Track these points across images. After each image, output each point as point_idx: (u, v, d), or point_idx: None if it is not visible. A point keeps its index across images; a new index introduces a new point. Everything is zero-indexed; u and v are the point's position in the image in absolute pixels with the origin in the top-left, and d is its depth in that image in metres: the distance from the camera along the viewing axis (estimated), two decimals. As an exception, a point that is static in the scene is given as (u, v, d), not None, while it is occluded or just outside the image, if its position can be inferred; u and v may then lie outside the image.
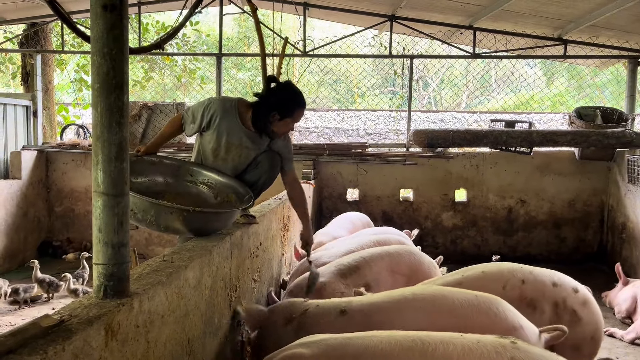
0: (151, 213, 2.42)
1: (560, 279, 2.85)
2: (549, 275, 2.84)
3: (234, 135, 3.05)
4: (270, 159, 3.19)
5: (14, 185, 6.79)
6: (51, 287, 5.34)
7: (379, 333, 2.06)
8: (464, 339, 1.93)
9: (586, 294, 2.86)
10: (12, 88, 13.59)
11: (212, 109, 3.06)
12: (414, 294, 2.46)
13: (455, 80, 14.97)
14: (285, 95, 3.05)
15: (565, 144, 6.50)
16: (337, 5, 7.40)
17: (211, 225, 2.59)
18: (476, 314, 2.30)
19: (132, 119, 7.33)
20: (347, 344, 2.02)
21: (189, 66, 11.68)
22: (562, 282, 2.83)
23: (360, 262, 3.42)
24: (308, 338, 2.15)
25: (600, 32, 6.80)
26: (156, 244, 7.21)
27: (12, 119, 7.31)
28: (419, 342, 1.93)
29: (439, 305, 2.37)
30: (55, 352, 1.19)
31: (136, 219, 2.45)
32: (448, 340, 1.92)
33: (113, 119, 1.51)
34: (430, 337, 1.97)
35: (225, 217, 2.66)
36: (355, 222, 5.39)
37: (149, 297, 1.64)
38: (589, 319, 2.66)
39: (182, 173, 3.04)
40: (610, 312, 4.99)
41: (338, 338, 2.08)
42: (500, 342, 1.88)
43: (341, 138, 12.05)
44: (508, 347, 1.84)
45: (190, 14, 3.60)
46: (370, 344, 1.98)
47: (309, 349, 2.03)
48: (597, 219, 7.05)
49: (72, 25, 2.94)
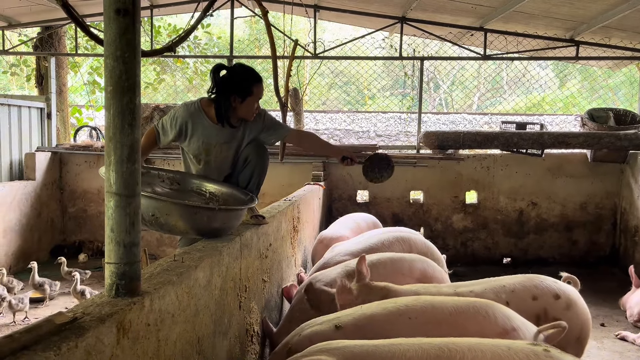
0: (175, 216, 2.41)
1: (540, 289, 2.76)
2: (530, 289, 2.76)
3: (208, 134, 3.07)
4: (255, 150, 3.17)
5: (28, 186, 6.88)
6: (51, 289, 5.37)
7: (405, 340, 1.99)
8: (494, 345, 1.86)
9: (569, 296, 2.77)
10: (26, 90, 13.77)
11: (178, 119, 3.06)
12: (406, 305, 2.45)
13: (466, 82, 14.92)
14: (238, 77, 3.01)
15: (577, 146, 6.45)
16: (348, 8, 7.41)
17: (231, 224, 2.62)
18: (464, 320, 2.30)
19: (144, 121, 7.40)
20: (372, 352, 1.95)
21: (200, 68, 11.76)
22: (542, 292, 2.74)
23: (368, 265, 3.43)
24: (329, 344, 2.07)
25: (612, 33, 6.74)
26: (167, 245, 7.27)
27: (26, 120, 7.42)
28: (445, 350, 1.87)
29: (430, 315, 2.37)
30: (68, 349, 1.22)
31: (157, 223, 2.43)
32: (476, 347, 1.85)
33: (125, 120, 1.54)
34: (457, 343, 1.89)
35: (234, 216, 2.68)
36: (360, 222, 5.37)
37: (159, 296, 1.66)
38: (573, 322, 2.58)
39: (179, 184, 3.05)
40: (623, 316, 4.94)
41: (363, 345, 2.00)
42: (533, 349, 1.80)
43: (351, 140, 12.06)
44: (541, 355, 1.77)
45: (201, 16, 3.63)
46: (396, 351, 1.92)
47: (333, 356, 1.95)
48: (610, 221, 6.99)
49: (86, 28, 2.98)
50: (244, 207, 2.80)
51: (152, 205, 2.39)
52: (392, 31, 7.87)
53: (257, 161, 3.15)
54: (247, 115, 3.07)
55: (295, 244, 4.30)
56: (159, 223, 2.43)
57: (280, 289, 3.57)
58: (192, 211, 2.45)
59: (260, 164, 3.18)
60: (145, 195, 2.39)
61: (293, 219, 4.21)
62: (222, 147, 3.10)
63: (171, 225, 2.44)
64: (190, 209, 2.45)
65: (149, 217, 2.39)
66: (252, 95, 3.02)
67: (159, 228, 2.49)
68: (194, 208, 2.48)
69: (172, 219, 2.41)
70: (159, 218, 2.40)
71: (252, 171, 3.15)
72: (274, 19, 6.27)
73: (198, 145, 3.09)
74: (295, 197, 4.59)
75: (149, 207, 2.37)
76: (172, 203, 2.48)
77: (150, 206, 2.38)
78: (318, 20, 7.66)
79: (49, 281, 5.42)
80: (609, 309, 5.19)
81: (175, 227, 2.46)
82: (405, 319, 2.37)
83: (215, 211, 2.50)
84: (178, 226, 2.45)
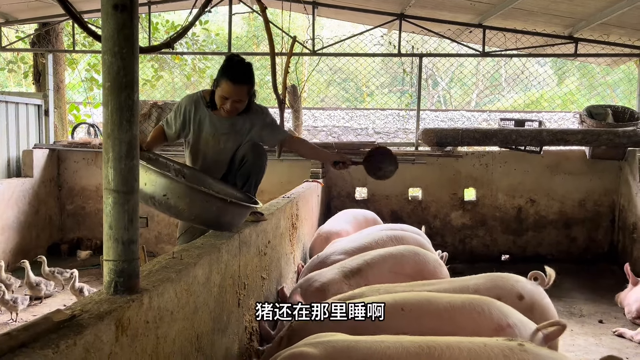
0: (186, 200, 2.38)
1: (503, 290, 2.69)
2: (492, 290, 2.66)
3: (208, 123, 3.07)
4: (253, 149, 3.15)
5: (25, 183, 6.87)
6: (47, 288, 5.33)
7: (387, 337, 2.06)
8: (471, 343, 1.92)
9: (532, 296, 2.70)
10: (24, 87, 13.72)
11: (182, 108, 3.10)
12: (402, 299, 2.46)
13: (464, 79, 14.91)
14: (222, 65, 2.99)
15: (575, 143, 6.46)
16: (346, 4, 7.39)
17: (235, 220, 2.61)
18: (459, 316, 2.32)
19: (142, 118, 7.39)
20: (353, 347, 2.01)
21: (198, 65, 11.74)
22: (506, 293, 2.66)
23: (362, 265, 3.43)
24: (315, 337, 2.15)
25: (611, 30, 6.74)
26: (165, 242, 7.26)
27: (24, 117, 7.40)
28: (425, 347, 1.93)
29: (425, 310, 2.38)
30: (67, 346, 1.21)
31: (166, 204, 2.39)
32: (455, 345, 1.92)
33: (124, 117, 1.53)
34: (436, 342, 1.96)
35: (240, 213, 2.66)
36: (359, 218, 5.37)
37: (158, 293, 1.65)
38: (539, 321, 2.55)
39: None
40: (621, 312, 4.95)
41: (345, 341, 2.07)
42: (508, 344, 1.86)
43: (350, 137, 12.05)
44: (516, 350, 1.83)
45: (199, 13, 3.62)
46: (377, 348, 1.98)
47: (316, 349, 2.03)
48: (608, 218, 7.00)
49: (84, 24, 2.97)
50: (253, 207, 2.77)
51: (167, 185, 2.36)
52: (391, 28, 7.86)
53: (254, 161, 3.13)
54: (222, 108, 3.02)
55: (294, 241, 4.30)
56: (168, 204, 2.39)
57: (279, 286, 3.57)
58: (204, 198, 2.41)
59: (257, 164, 3.15)
60: (162, 174, 2.38)
61: (292, 216, 4.21)
62: (220, 138, 3.09)
63: (180, 208, 2.40)
64: (203, 196, 2.42)
65: (160, 197, 2.37)
66: (220, 88, 2.95)
67: (166, 209, 2.44)
68: (207, 196, 2.44)
69: (182, 202, 2.38)
70: (169, 199, 2.37)
71: (249, 171, 3.13)
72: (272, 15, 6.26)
73: (199, 136, 3.08)
74: (293, 194, 4.59)
75: (163, 186, 2.35)
76: (188, 187, 2.43)
77: (165, 186, 2.36)
78: (316, 17, 7.64)
79: (44, 280, 5.37)
80: (607, 306, 5.20)
81: (183, 212, 2.42)
82: (399, 311, 2.37)
83: (227, 204, 2.46)
84: (186, 211, 2.41)
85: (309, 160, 6.68)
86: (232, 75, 2.91)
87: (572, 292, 5.73)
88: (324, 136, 11.93)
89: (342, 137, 11.95)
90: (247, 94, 3.00)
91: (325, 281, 3.33)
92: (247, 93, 3.00)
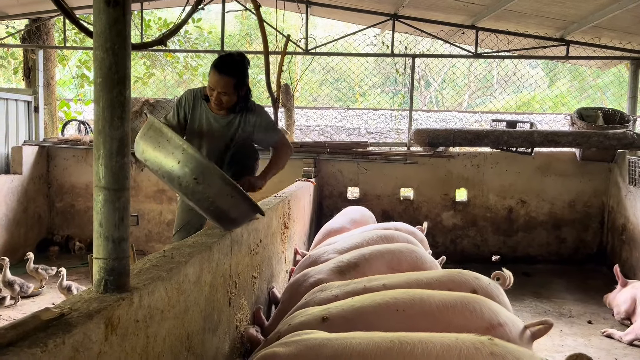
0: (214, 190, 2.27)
1: (454, 288, 2.66)
2: (446, 284, 2.67)
3: (205, 117, 3.08)
4: (244, 150, 3.15)
5: (14, 180, 6.80)
6: (22, 289, 5.16)
7: (359, 334, 2.07)
8: (443, 337, 1.96)
9: (487, 293, 2.67)
10: (13, 83, 13.60)
11: (182, 100, 3.13)
12: (394, 297, 2.47)
13: (457, 80, 14.97)
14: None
15: (566, 145, 6.50)
16: (340, 4, 7.39)
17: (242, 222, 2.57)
18: (452, 314, 2.33)
19: (134, 115, 7.33)
20: (325, 344, 2.02)
21: (190, 63, 11.69)
22: (457, 290, 2.71)
23: (360, 260, 3.41)
24: (289, 337, 2.17)
25: (602, 33, 6.80)
26: (156, 240, 7.23)
27: (13, 114, 7.32)
28: (397, 342, 1.95)
29: (418, 307, 2.39)
30: (55, 345, 1.19)
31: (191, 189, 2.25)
32: (426, 339, 1.95)
33: (115, 113, 1.51)
34: (408, 337, 1.98)
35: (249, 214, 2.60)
36: (354, 216, 5.36)
37: (149, 292, 1.64)
38: None
39: None
40: (610, 313, 4.99)
41: (318, 338, 2.08)
42: (479, 338, 1.92)
43: (342, 137, 12.05)
44: (486, 343, 1.89)
45: (192, 11, 3.60)
46: (348, 345, 1.99)
47: (287, 348, 2.05)
48: (598, 220, 7.06)
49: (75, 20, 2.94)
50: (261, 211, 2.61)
51: (203, 170, 2.21)
52: (384, 28, 7.87)
53: (245, 163, 3.13)
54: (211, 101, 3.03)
55: (286, 240, 4.29)
56: (193, 190, 2.25)
57: (270, 285, 3.56)
58: (229, 192, 2.31)
59: (248, 165, 3.16)
60: (203, 157, 2.25)
61: (284, 216, 4.20)
62: (214, 134, 3.09)
63: (204, 196, 2.28)
64: (230, 189, 2.31)
65: (189, 179, 2.21)
66: (208, 78, 2.99)
67: (188, 194, 2.29)
68: (235, 189, 2.32)
69: (210, 190, 2.26)
70: (199, 184, 2.22)
71: (240, 172, 3.13)
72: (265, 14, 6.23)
73: (193, 130, 3.07)
74: (285, 193, 4.57)
75: (196, 170, 2.21)
76: (221, 177, 2.29)
77: (199, 170, 2.21)
78: (310, 16, 7.63)
79: (20, 280, 5.20)
80: (596, 307, 5.24)
81: (205, 200, 2.30)
82: (393, 311, 2.38)
83: (250, 205, 2.39)
84: (207, 199, 2.29)
85: (301, 160, 6.68)
86: (217, 65, 2.98)
87: (561, 293, 5.77)
88: (317, 135, 11.92)
89: (334, 137, 11.95)
90: (232, 87, 3.01)
91: (321, 277, 3.32)
92: (233, 87, 3.01)
